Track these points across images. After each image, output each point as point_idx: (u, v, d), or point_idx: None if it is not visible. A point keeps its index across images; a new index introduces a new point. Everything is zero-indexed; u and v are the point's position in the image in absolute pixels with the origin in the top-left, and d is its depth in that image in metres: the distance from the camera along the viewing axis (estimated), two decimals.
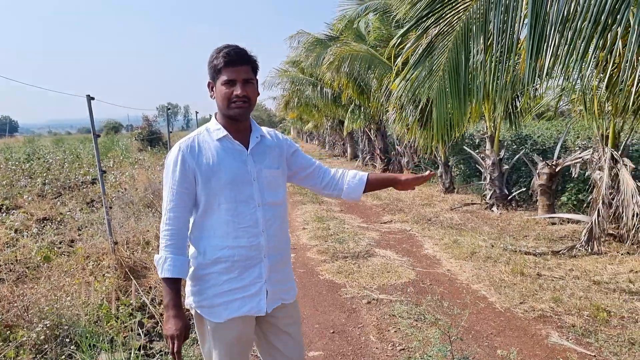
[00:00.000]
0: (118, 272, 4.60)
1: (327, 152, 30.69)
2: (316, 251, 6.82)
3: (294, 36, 17.59)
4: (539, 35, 3.89)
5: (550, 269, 5.79)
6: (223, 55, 1.99)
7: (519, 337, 4.09)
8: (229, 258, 2.05)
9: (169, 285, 1.98)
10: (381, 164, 17.26)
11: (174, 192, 2.01)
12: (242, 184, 2.06)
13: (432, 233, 7.78)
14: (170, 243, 2.00)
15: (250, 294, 2.09)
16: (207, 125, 2.15)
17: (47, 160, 17.28)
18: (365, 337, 4.16)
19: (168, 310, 1.97)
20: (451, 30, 4.10)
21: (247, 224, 2.06)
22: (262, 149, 2.17)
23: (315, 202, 10.97)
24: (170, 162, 2.04)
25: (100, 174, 4.85)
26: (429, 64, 4.32)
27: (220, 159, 2.04)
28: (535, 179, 8.63)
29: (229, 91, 2.00)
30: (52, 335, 3.36)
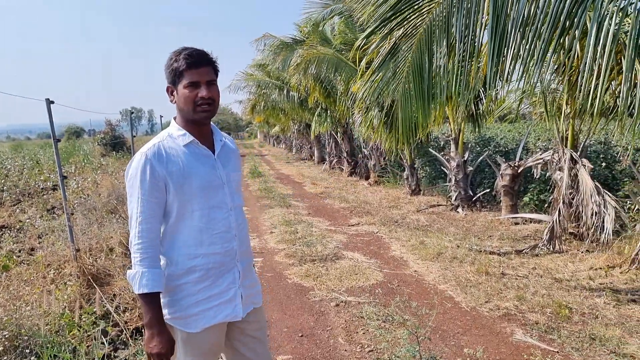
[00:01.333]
0: (80, 280, 4.48)
1: (294, 156, 30.65)
2: (284, 255, 6.79)
3: (260, 39, 17.51)
4: (500, 38, 3.97)
5: (514, 268, 5.91)
6: (184, 57, 1.94)
7: (484, 335, 4.15)
8: (204, 266, 2.01)
9: (149, 301, 1.89)
10: (348, 167, 17.34)
11: (144, 203, 1.91)
12: (213, 189, 2.04)
13: (399, 235, 7.84)
14: (146, 256, 1.90)
15: (225, 300, 2.07)
16: (169, 131, 2.06)
17: (5, 166, 16.76)
18: (334, 339, 4.16)
19: (151, 328, 1.89)
20: (415, 32, 4.15)
21: (221, 229, 2.05)
22: (226, 152, 2.17)
23: (282, 206, 10.93)
24: (136, 172, 1.93)
25: (61, 179, 4.72)
26: (393, 66, 4.37)
27: (191, 165, 1.99)
28: (499, 180, 8.80)
29: (194, 94, 1.95)
30: (11, 346, 3.25)
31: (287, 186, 15.14)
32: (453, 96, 4.37)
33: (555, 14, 3.65)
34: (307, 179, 16.70)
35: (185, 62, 1.93)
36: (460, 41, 4.00)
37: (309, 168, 21.67)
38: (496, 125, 15.50)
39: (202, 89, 1.95)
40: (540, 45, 3.97)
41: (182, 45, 2.04)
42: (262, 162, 27.00)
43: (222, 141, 2.16)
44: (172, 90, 2.02)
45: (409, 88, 4.33)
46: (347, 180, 15.98)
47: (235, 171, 2.18)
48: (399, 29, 4.18)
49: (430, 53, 4.12)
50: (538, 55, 3.95)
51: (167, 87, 2.04)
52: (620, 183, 8.53)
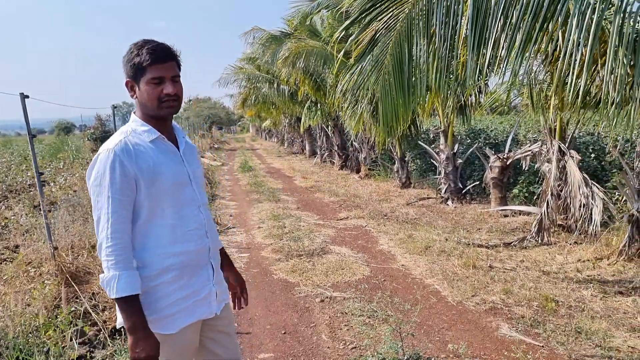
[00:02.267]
0: (59, 279, 4.39)
1: (286, 150, 30.55)
2: (271, 250, 6.71)
3: (249, 32, 17.32)
4: (481, 27, 3.90)
5: (502, 261, 5.87)
6: (148, 51, 1.86)
7: (469, 330, 4.10)
8: (178, 265, 1.95)
9: (129, 305, 1.80)
10: (339, 161, 17.26)
11: (116, 202, 1.81)
12: (183, 186, 2.00)
13: (387, 228, 7.79)
14: (121, 259, 1.80)
15: (201, 298, 2.03)
16: (132, 126, 1.97)
17: None
18: (317, 336, 4.10)
19: (135, 332, 1.79)
20: (395, 23, 4.06)
21: (194, 226, 2.01)
22: (189, 149, 2.14)
23: (272, 201, 10.85)
24: (105, 170, 1.83)
25: (38, 176, 4.62)
26: (373, 58, 4.28)
27: (160, 162, 1.92)
28: (488, 172, 8.75)
29: (158, 90, 1.88)
30: None
31: (277, 180, 15.06)
32: (433, 88, 4.29)
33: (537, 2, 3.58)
34: (298, 173, 16.62)
35: (150, 57, 1.85)
36: (440, 32, 3.92)
37: (301, 162, 21.57)
38: (488, 118, 15.44)
39: (167, 85, 1.89)
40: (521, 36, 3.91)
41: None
42: (254, 156, 26.88)
43: (184, 137, 2.12)
44: (132, 85, 1.93)
45: (389, 80, 4.25)
46: (338, 174, 15.91)
47: (198, 168, 2.15)
48: (378, 20, 4.09)
49: (410, 44, 4.03)
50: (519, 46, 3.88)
51: (126, 81, 1.94)
52: (609, 174, 8.49)
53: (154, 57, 1.85)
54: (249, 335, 4.15)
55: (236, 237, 7.63)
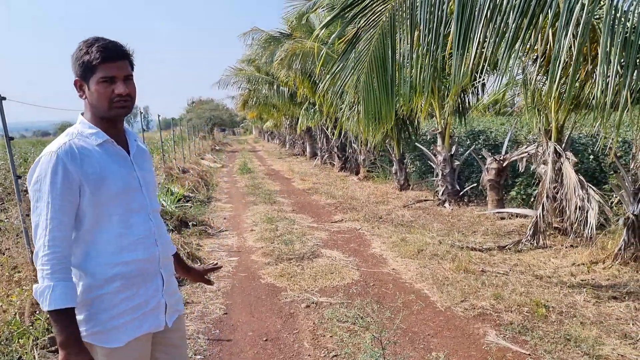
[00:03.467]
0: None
1: (287, 152, 30.47)
2: (261, 254, 6.61)
3: (247, 33, 17.25)
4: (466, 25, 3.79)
5: (495, 265, 5.75)
6: (98, 49, 1.76)
7: (455, 337, 3.99)
8: (125, 274, 1.84)
9: (63, 318, 1.68)
10: (339, 162, 17.16)
11: (55, 208, 1.71)
12: (132, 192, 1.90)
13: (381, 231, 7.67)
14: (59, 268, 1.69)
15: (149, 310, 1.91)
16: (78, 128, 1.86)
17: None
18: (299, 343, 3.99)
19: (67, 347, 1.68)
20: (377, 20, 3.95)
21: (142, 234, 1.89)
22: (140, 153, 2.03)
23: (267, 203, 10.76)
24: (46, 173, 1.72)
25: (15, 179, 4.54)
26: (355, 56, 4.17)
27: (107, 167, 1.82)
28: (485, 174, 8.64)
29: (109, 90, 1.79)
30: None
31: (276, 182, 14.96)
32: (418, 87, 4.19)
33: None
34: (297, 175, 16.52)
35: (100, 55, 1.76)
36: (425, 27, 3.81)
37: (301, 164, 21.48)
38: (489, 119, 15.30)
39: (119, 84, 1.79)
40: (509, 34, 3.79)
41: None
42: (254, 158, 26.81)
43: (136, 141, 2.01)
44: (81, 84, 1.83)
45: (371, 78, 4.14)
46: (337, 176, 15.81)
47: (150, 172, 2.04)
48: (361, 16, 3.99)
49: (394, 42, 3.93)
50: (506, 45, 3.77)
51: (75, 80, 1.84)
52: (607, 176, 8.36)
53: (104, 56, 1.76)
54: (229, 343, 4.04)
55: (227, 240, 7.54)
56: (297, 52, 12.11)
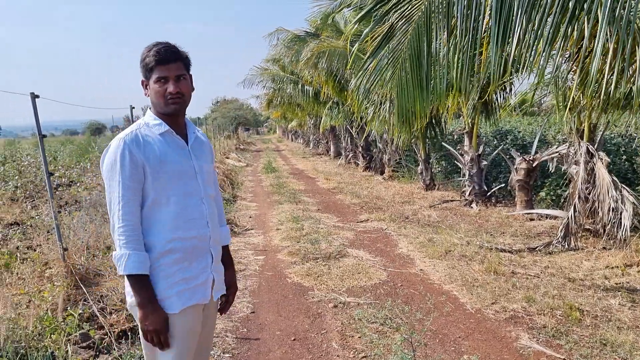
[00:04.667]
0: (68, 280, 4.35)
1: (311, 151, 30.49)
2: (287, 253, 6.60)
3: (273, 33, 17.31)
4: (505, 22, 3.71)
5: (526, 267, 5.64)
6: (153, 53, 2.01)
7: (487, 340, 3.91)
8: (180, 249, 2.06)
9: (138, 282, 1.97)
10: (363, 162, 17.09)
11: (125, 187, 1.96)
12: (188, 177, 2.12)
13: (407, 231, 7.60)
14: (131, 239, 1.95)
15: (199, 283, 2.13)
16: (145, 120, 2.13)
17: (22, 163, 16.87)
18: (328, 344, 3.96)
19: (144, 307, 1.96)
20: (412, 14, 3.89)
21: (195, 216, 2.11)
22: (199, 144, 2.25)
23: (292, 202, 10.75)
24: (115, 157, 1.98)
25: (47, 176, 4.60)
26: (388, 52, 4.10)
27: (167, 153, 2.06)
28: (513, 174, 8.50)
29: (163, 89, 2.03)
30: None
31: (300, 181, 14.96)
32: (455, 84, 4.11)
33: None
34: (321, 174, 16.49)
35: (155, 59, 2.01)
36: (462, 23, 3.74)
37: (325, 163, 21.45)
38: (516, 118, 15.06)
39: (170, 84, 2.03)
40: (548, 30, 3.71)
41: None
42: (279, 157, 26.87)
43: (194, 134, 2.23)
44: (145, 84, 2.09)
45: (406, 76, 4.07)
46: (362, 175, 15.74)
47: (207, 162, 2.25)
48: (394, 11, 3.93)
49: (429, 37, 3.86)
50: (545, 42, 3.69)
51: (141, 81, 2.10)
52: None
53: (159, 59, 2.01)
54: (257, 342, 4.04)
55: (254, 239, 7.55)
56: (322, 51, 12.07)
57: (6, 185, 12.72)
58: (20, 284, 4.65)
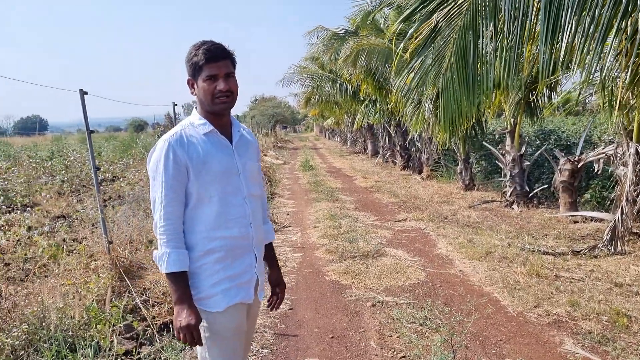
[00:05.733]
0: (113, 273, 4.47)
1: (348, 149, 30.44)
2: (325, 250, 6.61)
3: (312, 31, 17.38)
4: (554, 20, 3.62)
5: (569, 270, 5.49)
6: (203, 52, 2.01)
7: (530, 344, 3.83)
8: (223, 247, 2.07)
9: (177, 280, 1.99)
10: (401, 161, 16.96)
11: (168, 186, 2.00)
12: (230, 176, 2.12)
13: (447, 232, 7.50)
14: (172, 237, 1.99)
15: (243, 282, 2.15)
16: (190, 120, 2.14)
17: (69, 157, 17.41)
18: (366, 342, 3.95)
19: (180, 304, 1.97)
20: (458, 13, 3.83)
21: (237, 215, 2.12)
22: (243, 143, 2.24)
23: (329, 200, 10.76)
24: (160, 157, 2.01)
25: (94, 171, 4.73)
26: (434, 50, 4.05)
27: (210, 152, 2.07)
28: (557, 175, 8.28)
29: (212, 87, 2.03)
30: (32, 339, 3.24)
31: (337, 180, 14.96)
32: (501, 83, 4.03)
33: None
34: (359, 173, 16.45)
35: (204, 56, 2.01)
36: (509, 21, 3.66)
37: (362, 161, 21.39)
38: (559, 118, 14.67)
39: (220, 82, 2.03)
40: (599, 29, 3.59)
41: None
42: (316, 155, 26.94)
43: (239, 132, 2.23)
44: (192, 83, 2.09)
45: (452, 75, 4.01)
46: (400, 174, 15.62)
47: (251, 161, 2.24)
48: (440, 10, 3.87)
49: (476, 35, 3.79)
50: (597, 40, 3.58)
51: (187, 79, 2.11)
52: None
53: (208, 57, 2.01)
54: (295, 338, 4.06)
55: (291, 236, 7.59)
56: (362, 48, 12.02)
57: (53, 179, 13.15)
58: (66, 275, 4.80)
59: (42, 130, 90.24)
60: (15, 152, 20.12)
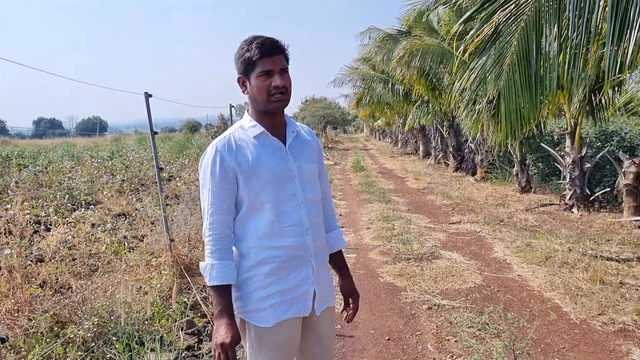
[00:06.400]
0: (174, 270, 4.61)
1: (399, 150, 30.21)
2: (378, 252, 6.59)
3: (364, 32, 17.37)
4: (622, 18, 3.49)
5: (636, 277, 5.26)
6: (257, 46, 1.88)
7: (594, 352, 3.70)
8: (275, 259, 1.95)
9: (219, 293, 1.87)
10: (454, 162, 16.69)
11: (215, 194, 1.91)
12: (284, 181, 1.97)
13: (503, 235, 7.34)
14: (216, 248, 1.89)
15: (297, 296, 2.00)
16: (241, 123, 2.04)
17: (128, 157, 18.05)
18: (423, 345, 3.91)
19: (220, 319, 1.85)
20: (520, 14, 3.75)
21: (292, 222, 1.97)
22: (299, 143, 2.09)
23: (382, 201, 10.72)
24: (207, 164, 1.94)
25: (157, 170, 4.89)
26: (495, 52, 3.97)
27: (260, 157, 1.94)
28: (621, 178, 7.96)
29: (267, 83, 1.89)
30: (101, 332, 3.39)
31: (389, 181, 14.87)
32: (565, 84, 3.91)
33: None
34: (410, 174, 16.30)
35: (259, 51, 1.88)
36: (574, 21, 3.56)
37: (414, 163, 21.18)
38: (622, 119, 14.07)
39: (276, 77, 1.89)
40: None
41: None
42: (366, 156, 26.87)
43: (294, 132, 2.07)
44: (243, 80, 1.97)
45: (513, 76, 3.93)
46: (452, 176, 15.38)
47: (308, 163, 2.08)
48: (502, 10, 3.80)
49: (539, 36, 3.70)
50: None
51: (238, 77, 1.98)
52: None
53: (263, 51, 1.88)
54: (351, 339, 4.07)
55: (345, 237, 7.55)
56: (416, 49, 11.90)
57: (114, 178, 13.66)
58: (129, 271, 4.99)
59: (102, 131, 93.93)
60: (78, 152, 21.05)
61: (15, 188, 10.64)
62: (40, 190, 10.96)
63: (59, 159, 17.94)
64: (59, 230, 6.71)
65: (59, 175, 13.00)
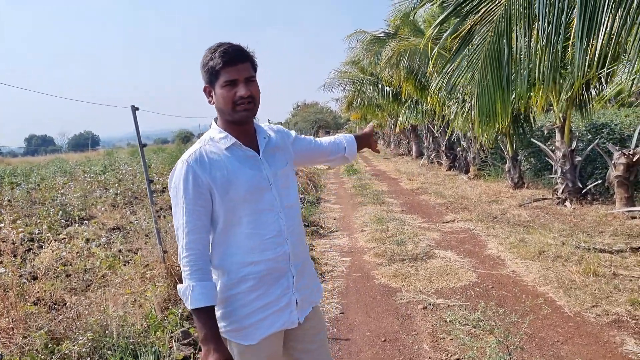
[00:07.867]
0: (168, 281, 4.61)
1: (392, 152, 30.28)
2: (373, 254, 6.60)
3: (352, 35, 17.44)
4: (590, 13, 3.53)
5: (628, 268, 5.30)
6: (220, 54, 1.80)
7: (589, 345, 3.72)
8: (256, 274, 1.89)
9: (203, 316, 1.78)
10: (447, 161, 16.75)
11: (189, 212, 1.81)
12: (260, 191, 1.91)
13: (497, 232, 7.37)
14: (195, 269, 1.79)
15: (280, 308, 1.95)
16: (210, 134, 1.94)
17: (121, 171, 18.02)
18: (419, 345, 3.93)
19: (207, 344, 1.77)
20: (491, 16, 3.79)
21: (272, 234, 1.91)
22: (271, 149, 2.02)
23: (376, 203, 10.74)
24: (179, 180, 1.83)
25: (148, 183, 4.90)
26: (468, 53, 4.02)
27: (235, 169, 1.86)
28: (611, 170, 8.01)
29: (232, 93, 1.82)
30: (96, 347, 3.38)
31: (382, 183, 14.91)
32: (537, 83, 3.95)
33: None
34: (404, 175, 16.35)
35: (222, 60, 1.80)
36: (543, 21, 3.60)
37: (407, 163, 21.24)
38: (612, 111, 14.15)
39: (241, 87, 1.82)
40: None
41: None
42: (360, 158, 26.90)
43: (265, 138, 2.00)
44: (209, 90, 1.89)
45: (485, 75, 3.97)
46: (446, 175, 15.43)
47: (282, 167, 2.02)
48: (474, 13, 3.84)
49: (509, 37, 3.74)
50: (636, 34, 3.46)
51: (204, 87, 1.91)
52: None
53: (226, 60, 1.80)
54: (347, 342, 4.08)
55: (339, 240, 7.62)
56: (403, 49, 11.97)
57: (107, 192, 13.63)
58: (124, 284, 4.99)
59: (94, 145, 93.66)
60: (70, 168, 20.99)
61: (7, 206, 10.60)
62: (34, 208, 10.92)
63: (52, 176, 17.89)
64: (51, 246, 6.68)
65: (51, 192, 12.96)
